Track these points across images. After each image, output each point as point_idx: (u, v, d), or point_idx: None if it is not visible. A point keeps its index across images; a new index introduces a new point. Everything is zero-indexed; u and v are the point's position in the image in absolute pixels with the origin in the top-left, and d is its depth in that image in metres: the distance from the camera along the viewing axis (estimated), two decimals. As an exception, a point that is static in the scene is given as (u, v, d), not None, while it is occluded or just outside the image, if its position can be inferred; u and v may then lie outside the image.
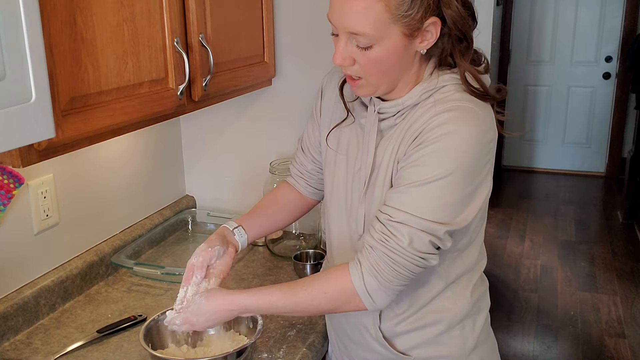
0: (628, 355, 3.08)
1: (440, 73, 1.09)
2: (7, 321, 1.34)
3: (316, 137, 1.32)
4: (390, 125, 1.12)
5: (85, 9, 1.05)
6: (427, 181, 1.01)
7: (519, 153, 6.08)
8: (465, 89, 1.07)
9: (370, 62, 1.04)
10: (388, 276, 1.04)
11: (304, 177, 1.38)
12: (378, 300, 1.07)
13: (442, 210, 1.02)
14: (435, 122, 1.02)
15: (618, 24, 5.51)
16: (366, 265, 1.05)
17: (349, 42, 1.03)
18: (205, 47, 1.39)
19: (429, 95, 1.08)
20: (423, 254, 1.03)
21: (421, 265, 1.04)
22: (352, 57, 1.04)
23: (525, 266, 4.06)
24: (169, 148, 1.97)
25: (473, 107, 1.04)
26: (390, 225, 1.03)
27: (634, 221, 4.69)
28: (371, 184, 1.14)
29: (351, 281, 1.06)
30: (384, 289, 1.05)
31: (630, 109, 5.49)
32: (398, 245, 1.02)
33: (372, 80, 1.07)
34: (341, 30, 1.03)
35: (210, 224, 1.97)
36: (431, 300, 1.16)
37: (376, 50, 1.02)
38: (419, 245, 1.02)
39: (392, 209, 1.04)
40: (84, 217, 1.61)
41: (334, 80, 1.26)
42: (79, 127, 1.06)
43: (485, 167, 1.06)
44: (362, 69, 1.05)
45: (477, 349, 1.21)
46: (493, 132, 1.07)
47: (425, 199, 1.02)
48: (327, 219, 1.28)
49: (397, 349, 1.19)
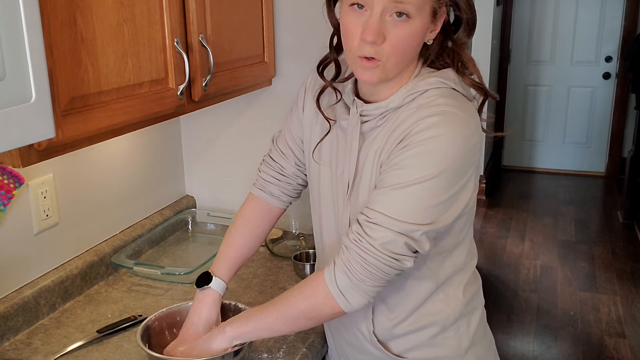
0: (628, 355, 3.08)
1: (426, 76, 1.08)
2: (7, 321, 1.34)
3: (298, 133, 1.28)
4: (372, 128, 1.11)
5: (85, 9, 1.05)
6: (407, 184, 1.01)
7: (519, 153, 6.08)
8: (468, 82, 1.08)
9: (400, 38, 1.01)
10: (360, 275, 1.03)
11: (280, 184, 1.33)
12: (351, 300, 1.05)
13: (421, 212, 1.01)
14: (419, 127, 1.02)
15: (618, 24, 5.51)
16: (339, 264, 1.05)
17: (383, 15, 1.00)
18: (205, 47, 1.39)
19: (412, 99, 1.07)
20: (396, 255, 1.01)
21: (394, 266, 1.03)
22: (383, 34, 1.00)
23: (525, 266, 4.06)
24: (169, 148, 1.97)
25: (457, 112, 1.03)
26: (366, 225, 1.03)
27: (634, 221, 4.69)
28: (355, 187, 1.13)
29: (324, 279, 1.06)
30: (357, 288, 1.04)
31: (630, 109, 5.49)
32: (370, 245, 1.01)
33: (392, 62, 1.03)
34: (380, 1, 0.98)
35: (210, 224, 1.97)
36: (423, 303, 1.16)
37: (410, 25, 1.00)
38: (393, 246, 1.01)
39: (370, 210, 1.03)
40: (84, 217, 1.61)
41: (318, 80, 1.22)
42: (79, 127, 1.06)
43: (468, 171, 1.05)
44: (389, 48, 1.01)
45: (473, 348, 1.21)
46: (478, 136, 1.06)
47: (404, 201, 1.01)
48: (316, 224, 1.27)
49: (393, 351, 1.19)
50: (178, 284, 1.58)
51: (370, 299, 1.06)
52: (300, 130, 1.28)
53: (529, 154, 6.08)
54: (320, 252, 1.28)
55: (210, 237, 1.93)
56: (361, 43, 1.02)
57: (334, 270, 1.05)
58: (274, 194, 1.33)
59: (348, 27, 1.04)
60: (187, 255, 1.82)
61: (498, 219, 4.80)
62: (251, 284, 1.63)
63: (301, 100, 1.28)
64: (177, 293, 1.58)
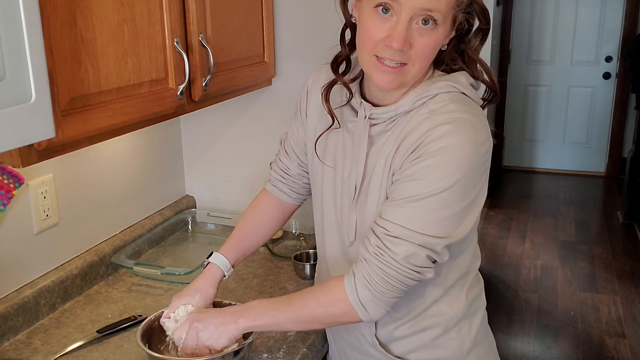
0: (628, 355, 3.08)
1: (436, 79, 1.08)
2: (7, 321, 1.34)
3: (302, 138, 1.29)
4: (380, 132, 1.10)
5: (85, 9, 1.05)
6: (424, 196, 1.01)
7: (519, 153, 6.08)
8: (476, 79, 1.09)
9: (425, 46, 1.01)
10: (381, 288, 1.04)
11: (287, 182, 1.35)
12: (372, 312, 1.06)
13: (440, 224, 1.02)
14: (433, 136, 1.01)
15: (618, 24, 5.51)
16: (359, 277, 1.05)
17: (411, 23, 0.99)
18: (205, 47, 1.39)
19: (422, 103, 1.07)
20: (418, 268, 1.03)
21: (415, 278, 1.04)
22: (410, 41, 1.00)
23: (526, 266, 4.06)
24: (169, 148, 1.97)
25: (469, 118, 1.03)
26: (386, 239, 1.03)
27: (634, 221, 4.69)
28: (362, 191, 1.13)
29: (344, 291, 1.06)
30: (377, 300, 1.05)
31: (630, 109, 5.49)
32: (392, 259, 1.02)
33: (416, 68, 1.03)
34: (409, 8, 0.98)
35: (210, 224, 1.97)
36: (428, 306, 1.16)
37: (436, 32, 1.01)
38: (415, 259, 1.02)
39: (388, 222, 1.03)
40: (84, 217, 1.61)
41: (320, 81, 1.22)
42: (79, 127, 1.06)
43: (481, 178, 1.06)
44: (415, 54, 1.01)
45: (475, 350, 1.21)
46: (488, 143, 1.06)
47: (422, 213, 1.02)
48: (318, 226, 1.27)
49: (394, 353, 1.19)
50: (178, 284, 1.58)
51: (389, 309, 1.08)
52: (304, 134, 1.28)
53: (529, 154, 6.08)
54: (322, 253, 1.28)
55: (210, 237, 1.93)
56: (384, 47, 1.01)
57: (355, 283, 1.05)
58: (283, 190, 1.36)
59: (369, 29, 1.03)
60: (187, 255, 1.82)
61: (499, 220, 4.79)
62: (251, 284, 1.63)
63: (304, 104, 1.28)
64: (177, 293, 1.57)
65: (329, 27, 1.05)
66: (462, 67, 1.11)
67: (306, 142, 1.28)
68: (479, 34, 1.09)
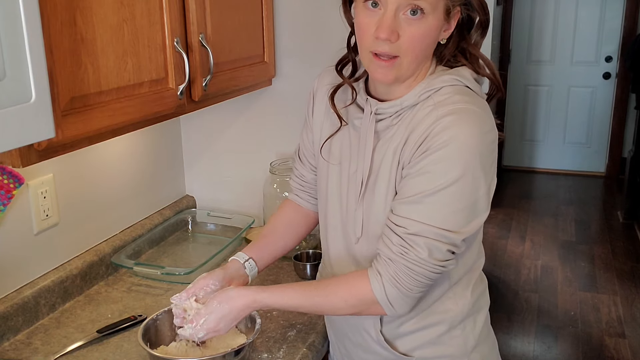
0: (628, 355, 3.08)
1: (440, 73, 1.09)
2: (7, 321, 1.34)
3: (310, 141, 1.31)
4: (387, 126, 1.11)
5: (85, 9, 1.05)
6: (436, 189, 1.02)
7: (520, 153, 6.08)
8: (479, 74, 1.10)
9: (414, 36, 1.02)
10: (409, 285, 1.06)
11: (305, 189, 1.36)
12: (399, 308, 1.08)
13: (455, 216, 1.03)
14: (438, 127, 1.02)
15: (618, 24, 5.51)
16: (387, 277, 1.06)
17: (397, 13, 1.01)
18: (205, 47, 1.39)
19: (427, 96, 1.08)
20: (443, 262, 1.05)
21: (440, 272, 1.06)
22: (397, 32, 1.01)
23: (526, 266, 4.06)
24: (169, 148, 1.97)
25: (474, 108, 1.04)
26: (407, 237, 1.04)
27: (634, 221, 4.69)
28: (369, 186, 1.13)
29: (372, 291, 1.07)
30: (404, 297, 1.07)
31: (630, 109, 5.49)
32: (418, 257, 1.03)
33: (408, 59, 1.04)
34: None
35: (210, 224, 1.97)
36: (433, 302, 1.16)
37: (424, 22, 1.01)
38: (438, 254, 1.04)
39: (406, 220, 1.04)
40: (84, 217, 1.61)
41: (324, 84, 1.24)
42: (79, 127, 1.06)
43: (491, 168, 1.06)
44: (405, 45, 1.02)
45: (478, 347, 1.21)
46: (494, 132, 1.07)
47: (437, 207, 1.03)
48: (322, 224, 1.28)
49: (399, 350, 1.19)
50: (178, 284, 1.58)
51: (414, 304, 1.11)
52: (312, 136, 1.30)
53: (529, 154, 6.08)
54: (325, 251, 1.29)
55: (210, 237, 1.93)
56: (375, 40, 1.03)
57: (383, 282, 1.07)
58: (302, 197, 1.37)
59: (361, 24, 1.05)
60: (187, 255, 1.82)
61: (499, 219, 4.80)
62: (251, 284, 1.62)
63: (310, 108, 1.30)
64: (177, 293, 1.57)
65: (329, 27, 1.06)
66: (464, 64, 1.12)
67: (314, 141, 1.29)
68: (479, 28, 1.10)
